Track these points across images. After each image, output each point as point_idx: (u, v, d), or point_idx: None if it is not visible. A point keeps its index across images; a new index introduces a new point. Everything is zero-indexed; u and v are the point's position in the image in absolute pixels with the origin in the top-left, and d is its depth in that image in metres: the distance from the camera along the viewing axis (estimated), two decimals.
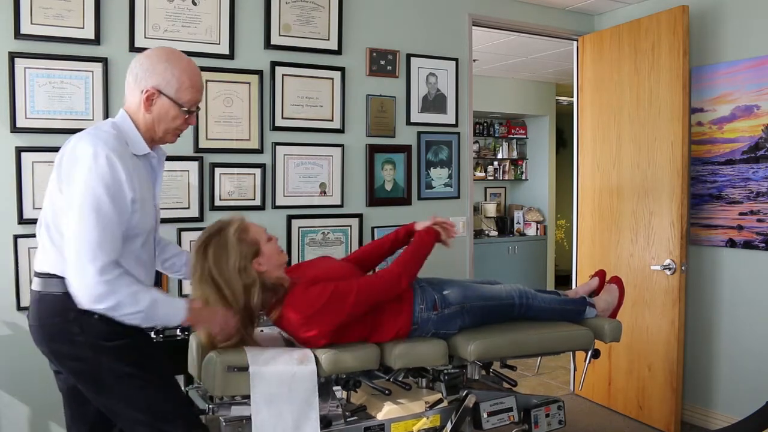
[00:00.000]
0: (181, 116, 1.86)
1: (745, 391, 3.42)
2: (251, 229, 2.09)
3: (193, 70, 1.86)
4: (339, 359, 2.15)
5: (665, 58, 3.53)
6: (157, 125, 1.85)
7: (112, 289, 1.66)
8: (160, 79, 1.80)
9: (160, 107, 1.82)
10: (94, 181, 1.68)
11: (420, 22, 3.63)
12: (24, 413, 2.74)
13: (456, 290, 2.37)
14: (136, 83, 1.83)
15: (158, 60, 1.82)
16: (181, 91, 1.82)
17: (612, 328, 2.59)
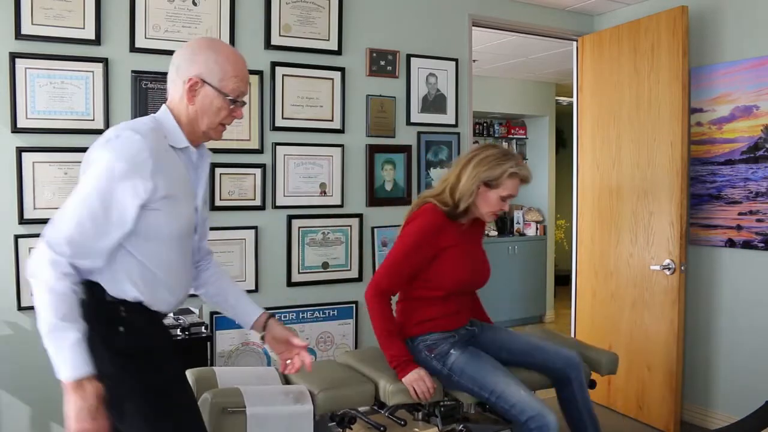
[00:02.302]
0: (226, 108, 1.72)
1: (744, 391, 3.42)
2: None
3: (238, 59, 1.74)
4: (335, 396, 2.18)
5: (665, 58, 3.53)
6: (201, 118, 1.71)
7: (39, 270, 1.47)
8: (202, 68, 1.68)
9: (204, 98, 1.69)
10: (108, 164, 1.52)
11: (420, 23, 3.63)
12: (24, 413, 2.75)
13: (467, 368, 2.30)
14: (177, 74, 1.72)
15: (200, 49, 1.71)
16: (226, 79, 1.70)
17: (609, 360, 2.69)
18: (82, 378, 1.50)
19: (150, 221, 1.58)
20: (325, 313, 3.40)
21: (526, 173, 2.35)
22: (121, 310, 1.60)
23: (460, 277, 2.37)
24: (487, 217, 2.38)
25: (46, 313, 1.46)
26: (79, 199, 1.52)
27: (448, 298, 2.38)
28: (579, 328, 4.16)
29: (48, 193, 2.76)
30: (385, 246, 3.56)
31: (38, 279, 1.48)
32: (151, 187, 1.54)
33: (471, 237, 2.46)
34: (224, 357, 3.13)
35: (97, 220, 1.51)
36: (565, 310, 6.51)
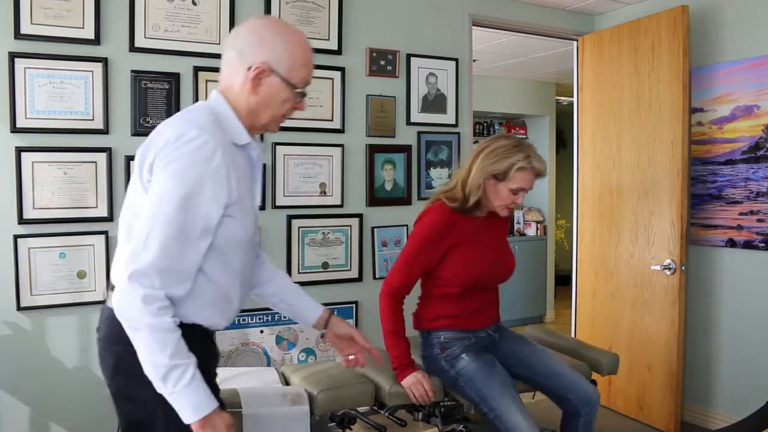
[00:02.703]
0: (292, 99, 1.55)
1: (745, 391, 3.42)
2: None
3: (307, 45, 1.56)
4: (334, 397, 2.18)
5: (665, 58, 3.52)
6: (264, 110, 1.52)
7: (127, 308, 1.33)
8: (271, 54, 1.48)
9: (269, 88, 1.50)
10: (182, 172, 1.34)
11: (420, 22, 3.63)
12: (24, 413, 2.74)
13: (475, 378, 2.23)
14: (240, 59, 1.49)
15: (268, 31, 1.50)
16: (295, 68, 1.51)
17: (609, 361, 2.70)
18: (207, 415, 1.35)
19: (221, 232, 1.42)
20: None
21: (538, 165, 2.21)
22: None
23: (474, 272, 2.27)
24: (501, 211, 2.27)
25: (155, 358, 1.31)
26: (156, 218, 1.33)
27: (465, 295, 2.30)
28: (579, 328, 4.15)
29: (47, 193, 2.75)
30: (385, 246, 3.56)
31: (133, 321, 1.32)
32: (227, 193, 1.39)
33: (490, 230, 2.35)
34: (224, 357, 3.13)
35: (181, 239, 1.34)
36: (565, 310, 6.50)
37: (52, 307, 2.78)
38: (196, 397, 1.34)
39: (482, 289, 2.35)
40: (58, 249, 2.78)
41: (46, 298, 2.76)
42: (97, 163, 2.84)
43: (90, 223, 2.84)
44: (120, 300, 1.33)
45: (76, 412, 2.82)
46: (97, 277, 2.85)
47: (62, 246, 2.79)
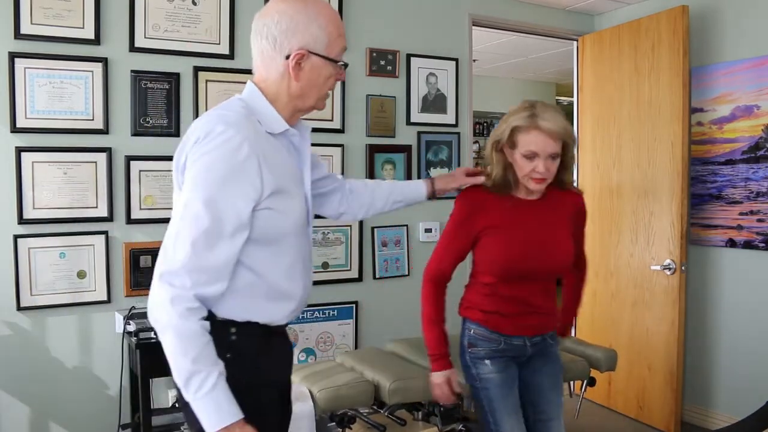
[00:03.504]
0: (335, 74, 1.52)
1: (745, 391, 3.41)
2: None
3: (336, 15, 1.52)
4: (334, 396, 2.17)
5: (665, 58, 3.52)
6: (309, 93, 1.50)
7: (156, 307, 1.30)
8: (306, 37, 1.44)
9: (311, 70, 1.47)
10: (207, 169, 1.32)
11: (420, 22, 3.63)
12: (24, 413, 2.74)
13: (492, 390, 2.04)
14: (276, 49, 1.44)
15: (297, 14, 1.44)
16: (332, 43, 1.48)
17: (607, 357, 2.70)
18: (227, 426, 1.28)
19: (260, 224, 1.37)
20: (325, 314, 3.39)
21: (544, 123, 1.85)
22: (231, 333, 1.39)
23: (503, 258, 1.97)
24: (528, 185, 1.94)
25: (177, 361, 1.27)
26: (184, 217, 1.31)
27: (503, 289, 2.00)
28: (579, 327, 4.15)
29: (48, 193, 2.75)
30: (385, 246, 3.56)
31: (161, 322, 1.28)
32: (258, 186, 1.34)
33: (538, 215, 2.00)
34: None
35: (210, 237, 1.30)
36: None
37: (52, 307, 2.78)
38: (216, 405, 1.28)
39: (522, 286, 2.00)
40: (58, 249, 2.78)
41: (46, 298, 2.76)
42: (97, 163, 2.84)
43: (90, 223, 2.84)
44: (150, 300, 1.31)
45: (76, 412, 2.82)
46: (97, 277, 2.85)
47: (62, 246, 2.79)
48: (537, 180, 1.90)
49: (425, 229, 3.65)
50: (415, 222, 3.60)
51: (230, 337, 1.38)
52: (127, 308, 2.81)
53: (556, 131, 1.85)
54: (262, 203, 1.36)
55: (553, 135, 1.85)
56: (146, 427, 2.62)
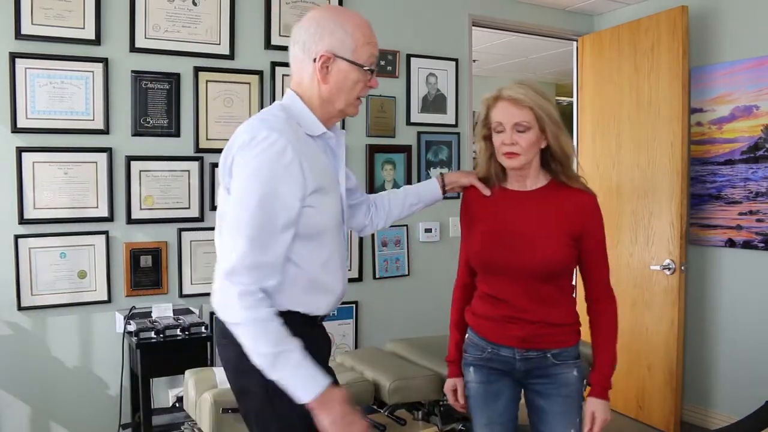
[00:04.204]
0: (363, 79, 1.56)
1: (744, 391, 3.42)
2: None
3: (366, 23, 1.58)
4: None
5: (665, 58, 3.53)
6: (337, 96, 1.55)
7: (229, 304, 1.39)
8: (333, 41, 1.51)
9: (338, 73, 1.53)
10: (256, 172, 1.40)
11: (420, 22, 3.63)
12: (24, 413, 2.75)
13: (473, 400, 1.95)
14: (305, 53, 1.53)
15: (325, 20, 1.53)
16: (359, 49, 1.53)
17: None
18: (321, 392, 1.40)
19: (303, 220, 1.47)
20: None
21: (507, 92, 1.81)
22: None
23: (478, 248, 1.88)
24: (503, 162, 1.82)
25: (259, 348, 1.37)
26: (239, 219, 1.40)
27: (486, 285, 1.90)
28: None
29: (48, 193, 2.76)
30: (385, 246, 3.56)
31: (233, 319, 1.39)
32: (303, 184, 1.44)
33: (521, 207, 1.85)
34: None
35: (265, 234, 1.40)
36: None
37: (52, 307, 2.78)
38: (305, 377, 1.39)
39: (502, 284, 1.85)
40: (59, 249, 2.79)
41: (46, 298, 2.77)
42: (98, 163, 2.84)
43: (90, 223, 2.84)
44: (218, 300, 1.41)
45: (76, 412, 2.83)
46: (97, 277, 2.86)
47: (63, 246, 2.79)
48: (507, 154, 1.79)
49: (425, 229, 3.66)
50: (415, 222, 3.61)
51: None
52: (127, 308, 2.82)
53: (517, 98, 1.77)
54: (305, 201, 1.45)
55: (515, 103, 1.77)
56: (146, 427, 2.62)
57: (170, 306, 2.82)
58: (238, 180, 1.43)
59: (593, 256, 1.85)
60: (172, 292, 3.01)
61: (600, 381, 1.83)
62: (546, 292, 1.82)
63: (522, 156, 1.78)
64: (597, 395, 1.82)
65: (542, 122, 1.78)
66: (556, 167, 1.85)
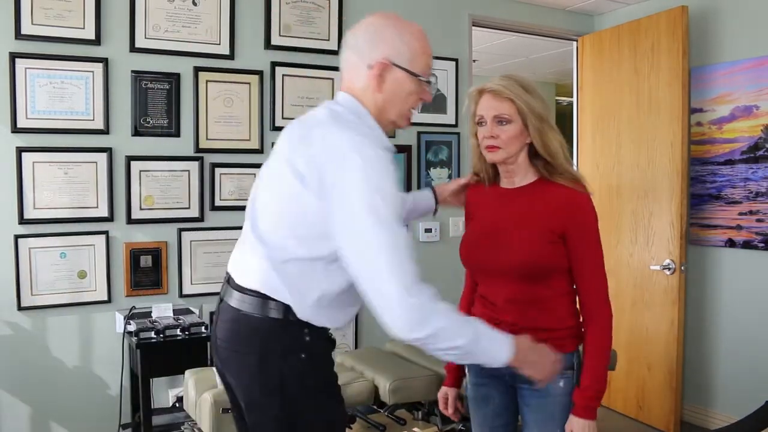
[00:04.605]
0: (417, 91, 1.51)
1: (744, 391, 3.42)
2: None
3: (423, 34, 1.55)
4: None
5: (665, 58, 3.53)
6: (390, 107, 1.50)
7: (424, 315, 1.30)
8: (389, 49, 1.46)
9: (393, 83, 1.47)
10: (373, 184, 1.33)
11: (420, 22, 3.58)
12: (24, 413, 2.75)
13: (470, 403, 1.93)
14: (360, 59, 1.48)
15: (382, 27, 1.49)
16: (416, 58, 1.49)
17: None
18: (512, 348, 1.42)
19: None
20: None
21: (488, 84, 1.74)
22: (305, 333, 1.41)
23: (461, 252, 1.86)
24: (486, 156, 1.77)
25: (456, 341, 1.34)
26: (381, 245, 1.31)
27: (481, 289, 1.86)
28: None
29: (48, 193, 2.76)
30: None
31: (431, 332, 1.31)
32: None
33: (508, 205, 1.80)
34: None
35: (403, 242, 1.33)
36: None
37: (52, 307, 2.78)
38: (495, 342, 1.41)
39: (486, 283, 1.83)
40: (59, 249, 2.79)
41: (46, 298, 2.77)
42: (98, 163, 2.85)
43: (90, 223, 2.84)
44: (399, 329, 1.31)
45: (76, 412, 2.83)
46: (97, 277, 2.86)
47: (63, 246, 2.79)
48: (488, 148, 1.73)
49: (425, 229, 3.66)
50: (415, 222, 3.61)
51: (305, 338, 1.41)
52: (127, 308, 2.82)
53: (496, 89, 1.70)
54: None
55: (495, 95, 1.70)
56: (146, 427, 2.62)
57: (170, 306, 2.82)
58: (351, 193, 1.32)
59: (578, 259, 1.73)
60: (172, 292, 3.01)
61: (579, 400, 1.69)
62: (535, 294, 1.73)
63: (502, 150, 1.71)
64: (576, 413, 1.69)
65: (524, 116, 1.70)
66: (538, 163, 1.76)
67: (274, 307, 1.39)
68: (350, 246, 1.33)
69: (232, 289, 1.47)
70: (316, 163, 1.35)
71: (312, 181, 1.35)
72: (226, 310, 1.48)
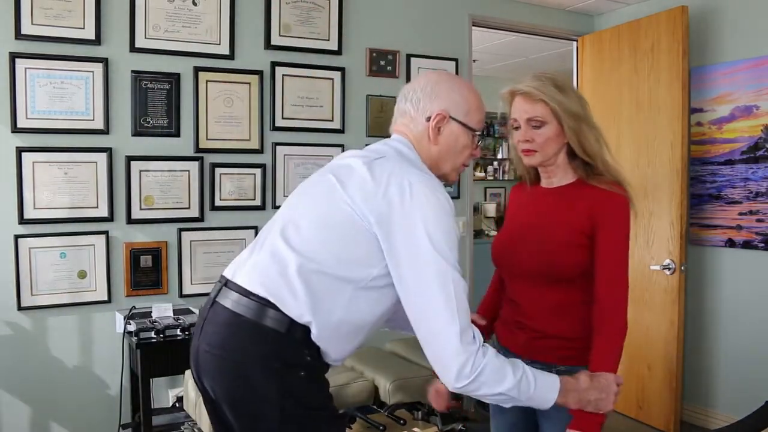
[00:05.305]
0: (470, 145, 1.54)
1: (744, 391, 3.42)
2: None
3: (474, 88, 1.59)
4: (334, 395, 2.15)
5: (665, 58, 3.53)
6: (444, 159, 1.52)
7: (472, 368, 1.30)
8: (448, 102, 1.50)
9: (449, 135, 1.50)
10: (442, 227, 1.34)
11: (420, 22, 3.63)
12: (24, 413, 2.75)
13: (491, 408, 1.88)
14: (418, 111, 1.51)
15: (441, 81, 1.53)
16: (471, 112, 1.52)
17: None
18: (558, 391, 1.40)
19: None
20: None
21: (518, 85, 1.71)
22: (306, 354, 1.38)
23: (492, 251, 1.83)
24: (523, 160, 1.73)
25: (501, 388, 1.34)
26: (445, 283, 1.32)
27: (508, 290, 1.81)
28: None
29: (48, 193, 2.76)
30: None
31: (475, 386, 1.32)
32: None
33: (543, 206, 1.76)
34: None
35: (461, 288, 1.34)
36: None
37: (52, 307, 2.78)
38: (543, 385, 1.39)
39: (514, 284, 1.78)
40: (59, 249, 2.79)
41: (46, 298, 2.77)
42: (98, 163, 2.85)
43: (90, 223, 2.84)
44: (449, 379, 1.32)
45: (76, 412, 2.83)
46: (97, 277, 2.86)
47: (63, 246, 2.79)
48: (524, 152, 1.69)
49: None
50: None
51: (306, 358, 1.38)
52: (127, 308, 2.82)
53: (527, 91, 1.66)
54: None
55: (527, 97, 1.67)
56: (146, 427, 2.62)
57: (170, 306, 2.82)
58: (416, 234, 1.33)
59: (600, 260, 1.62)
60: (172, 292, 3.01)
61: (576, 411, 1.51)
62: (555, 299, 1.66)
63: (539, 153, 1.67)
64: (572, 426, 1.52)
65: (558, 116, 1.65)
66: (577, 164, 1.71)
67: (279, 318, 1.34)
68: (413, 286, 1.34)
69: (230, 290, 1.40)
70: (378, 197, 1.34)
71: (371, 215, 1.34)
72: (220, 313, 1.40)
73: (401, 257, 1.33)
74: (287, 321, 1.34)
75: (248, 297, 1.36)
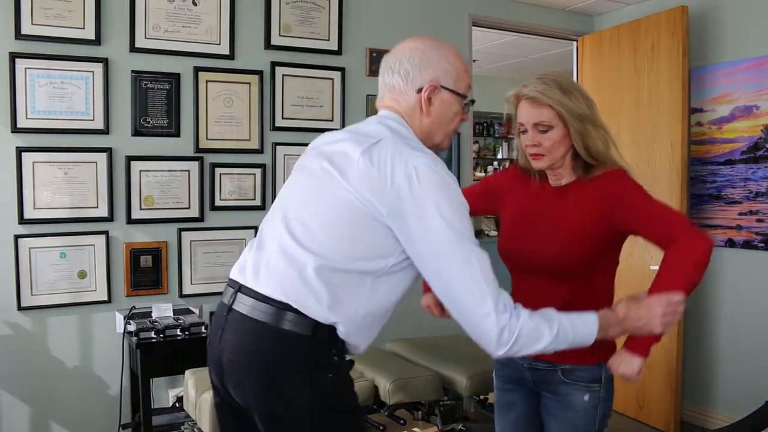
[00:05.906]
0: (460, 111, 1.51)
1: (744, 391, 3.42)
2: None
3: (459, 53, 1.55)
4: None
5: (665, 58, 3.53)
6: (437, 130, 1.50)
7: (509, 329, 1.30)
8: (437, 71, 1.47)
9: (441, 105, 1.48)
10: (455, 204, 1.35)
11: (420, 22, 3.63)
12: (24, 413, 2.75)
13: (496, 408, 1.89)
14: (408, 82, 1.49)
15: (429, 49, 1.50)
16: (460, 78, 1.49)
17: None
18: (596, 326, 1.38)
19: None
20: None
21: (524, 89, 1.69)
22: (333, 353, 1.36)
23: (501, 238, 1.83)
24: (532, 163, 1.74)
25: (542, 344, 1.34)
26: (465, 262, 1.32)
27: (514, 288, 1.80)
28: None
29: (48, 193, 2.76)
30: None
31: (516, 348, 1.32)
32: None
33: (551, 203, 1.76)
34: None
35: (477, 255, 1.33)
36: None
37: (52, 307, 2.78)
38: (580, 326, 1.38)
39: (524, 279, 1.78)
40: (59, 249, 2.79)
41: (46, 298, 2.77)
42: (98, 163, 2.85)
43: (90, 223, 2.84)
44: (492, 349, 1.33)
45: (76, 412, 2.83)
46: (97, 277, 2.86)
47: (63, 246, 2.79)
48: (532, 156, 1.70)
49: None
50: None
51: (333, 358, 1.36)
52: (127, 308, 2.82)
53: (533, 95, 1.65)
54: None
55: (534, 102, 1.66)
56: (146, 427, 2.62)
57: (170, 306, 2.82)
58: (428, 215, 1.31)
59: (643, 223, 1.63)
60: (172, 292, 3.01)
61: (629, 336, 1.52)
62: (563, 295, 1.64)
63: (546, 157, 1.68)
64: (624, 347, 1.55)
65: (565, 120, 1.65)
66: (577, 164, 1.72)
67: (303, 322, 1.31)
68: (439, 272, 1.33)
69: (246, 296, 1.36)
70: (387, 188, 1.32)
71: (382, 207, 1.32)
72: (239, 320, 1.36)
73: (421, 248, 1.33)
74: (312, 324, 1.31)
75: (267, 303, 1.33)
